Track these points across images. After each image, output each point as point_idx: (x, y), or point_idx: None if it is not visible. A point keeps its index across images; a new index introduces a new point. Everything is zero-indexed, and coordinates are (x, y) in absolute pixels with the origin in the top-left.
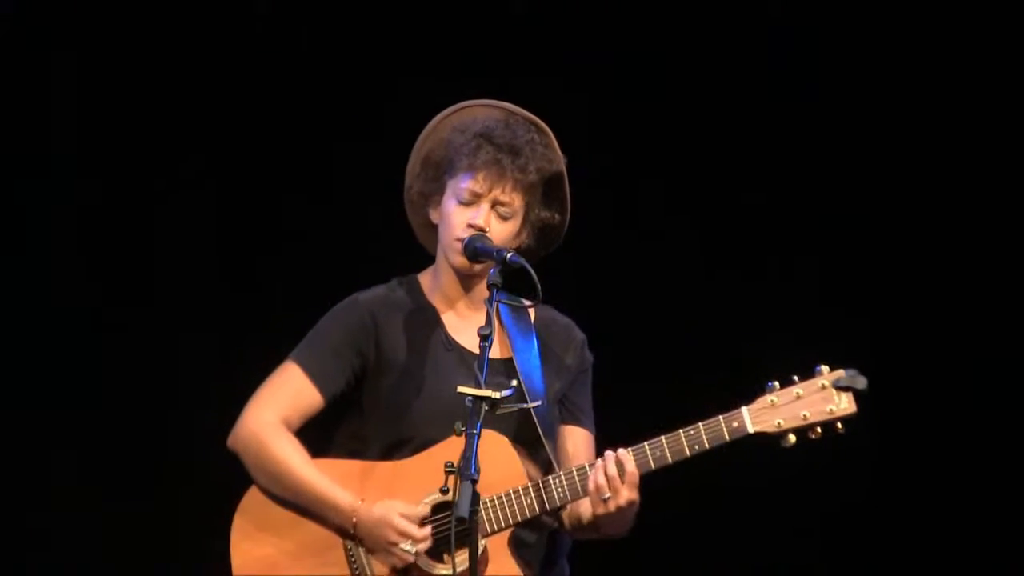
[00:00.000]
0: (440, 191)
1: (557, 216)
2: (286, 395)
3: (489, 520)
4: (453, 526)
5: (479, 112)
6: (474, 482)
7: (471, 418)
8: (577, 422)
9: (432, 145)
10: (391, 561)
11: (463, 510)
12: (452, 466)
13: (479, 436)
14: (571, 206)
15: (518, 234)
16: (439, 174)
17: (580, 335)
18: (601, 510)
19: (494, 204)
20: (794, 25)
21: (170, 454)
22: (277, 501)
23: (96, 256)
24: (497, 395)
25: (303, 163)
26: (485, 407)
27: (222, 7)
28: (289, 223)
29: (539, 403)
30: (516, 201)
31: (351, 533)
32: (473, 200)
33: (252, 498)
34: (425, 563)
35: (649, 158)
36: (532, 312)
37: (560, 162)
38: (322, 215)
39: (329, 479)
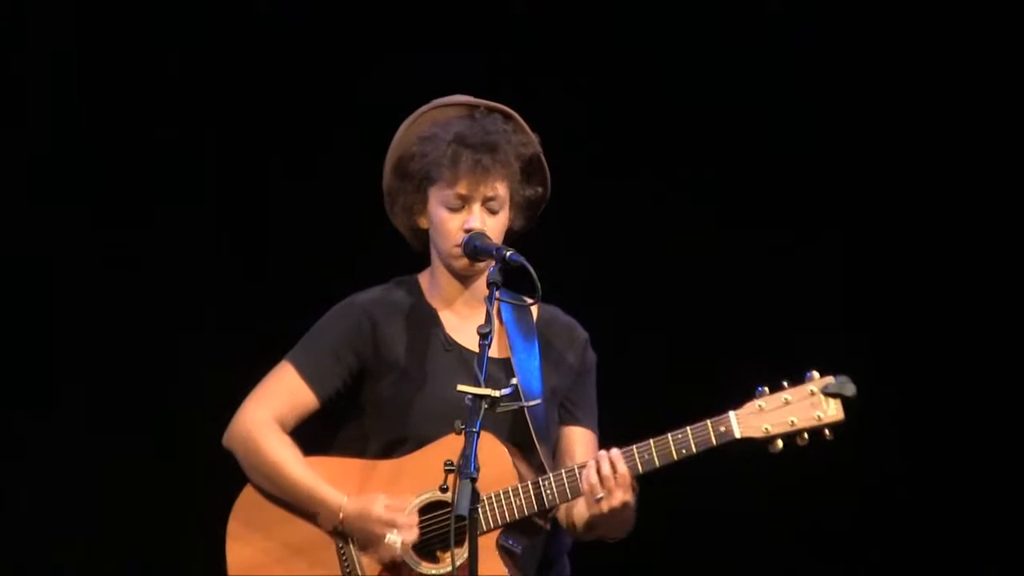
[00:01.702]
0: (424, 200)
1: (540, 189)
2: (280, 395)
3: (482, 518)
4: (452, 524)
5: (440, 115)
6: (473, 480)
7: (471, 416)
8: (577, 422)
9: (405, 159)
10: (379, 554)
11: (462, 508)
12: (452, 464)
13: (478, 435)
14: (552, 177)
15: (509, 219)
16: (420, 186)
17: (583, 334)
18: (595, 510)
19: (483, 201)
20: (797, 18)
21: (170, 452)
22: (270, 500)
23: (94, 256)
24: (497, 393)
25: (308, 161)
26: (485, 405)
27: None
28: (289, 221)
29: (538, 401)
30: (502, 192)
31: (341, 531)
32: (462, 205)
33: (246, 498)
34: (415, 562)
35: (647, 156)
36: (535, 311)
37: (534, 142)
38: (325, 212)
39: (319, 477)
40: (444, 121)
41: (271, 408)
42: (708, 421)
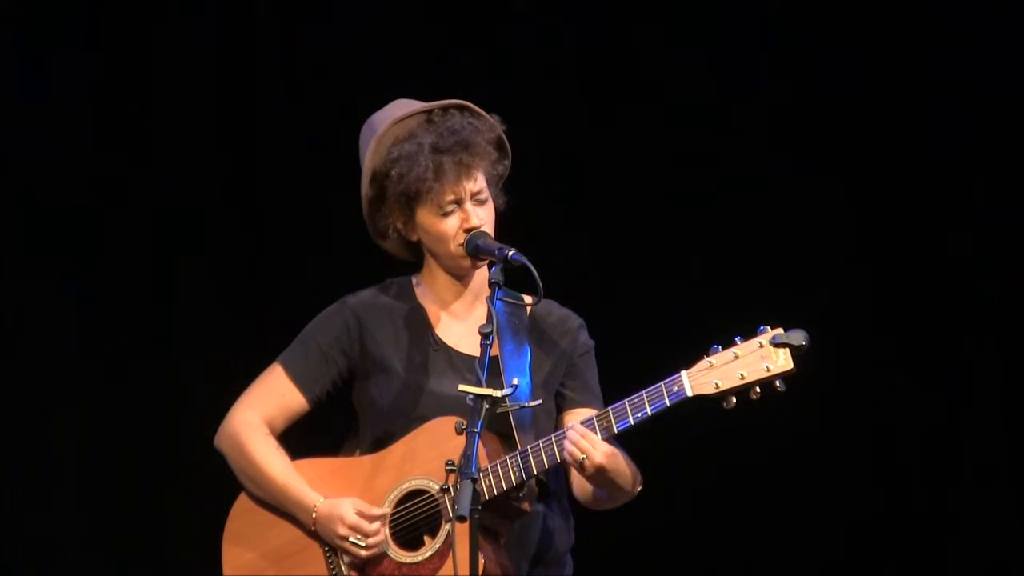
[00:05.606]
0: (410, 215)
1: (506, 162)
2: (270, 397)
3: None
4: (452, 521)
5: (401, 130)
6: (474, 480)
7: (472, 416)
8: (576, 404)
9: (381, 181)
10: (348, 557)
11: (463, 509)
12: (453, 464)
13: (479, 435)
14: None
15: (493, 200)
16: (411, 205)
17: (577, 321)
18: (583, 473)
19: (471, 197)
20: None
21: (168, 457)
22: (263, 504)
23: (93, 259)
24: (498, 393)
25: (308, 161)
26: (486, 405)
27: None
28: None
29: (538, 402)
30: (483, 181)
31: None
32: (455, 208)
33: (242, 502)
34: (395, 552)
35: (646, 154)
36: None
37: (495, 123)
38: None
39: (300, 478)
40: (407, 135)
41: (260, 410)
42: (662, 383)
